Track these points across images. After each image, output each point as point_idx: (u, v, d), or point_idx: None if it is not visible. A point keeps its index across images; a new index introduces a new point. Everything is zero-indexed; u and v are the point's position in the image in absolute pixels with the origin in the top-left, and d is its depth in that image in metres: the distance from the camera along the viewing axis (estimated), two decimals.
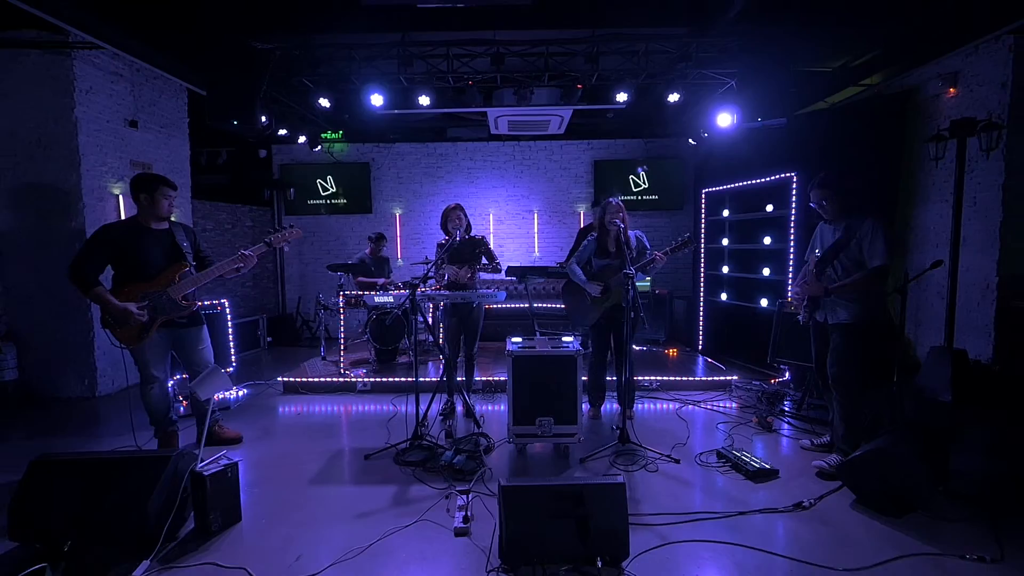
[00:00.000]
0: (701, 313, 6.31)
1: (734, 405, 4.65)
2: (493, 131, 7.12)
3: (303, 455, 3.58)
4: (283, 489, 3.08)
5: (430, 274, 3.83)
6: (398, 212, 8.00)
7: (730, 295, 6.06)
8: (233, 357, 4.52)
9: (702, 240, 6.36)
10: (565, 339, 3.61)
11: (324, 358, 5.81)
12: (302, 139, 6.46)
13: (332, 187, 7.89)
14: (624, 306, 3.51)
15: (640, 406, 4.60)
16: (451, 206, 4.13)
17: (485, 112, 6.27)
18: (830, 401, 3.41)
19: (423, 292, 3.75)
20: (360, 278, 5.94)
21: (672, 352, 6.15)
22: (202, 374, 2.70)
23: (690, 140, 6.83)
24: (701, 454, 3.49)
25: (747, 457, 3.28)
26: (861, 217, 3.06)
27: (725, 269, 6.09)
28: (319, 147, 7.46)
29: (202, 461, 2.62)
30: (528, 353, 3.33)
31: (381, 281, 5.90)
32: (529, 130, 6.91)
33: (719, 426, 4.05)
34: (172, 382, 4.07)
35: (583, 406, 3.59)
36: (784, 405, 4.47)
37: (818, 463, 3.18)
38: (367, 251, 6.16)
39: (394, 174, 7.99)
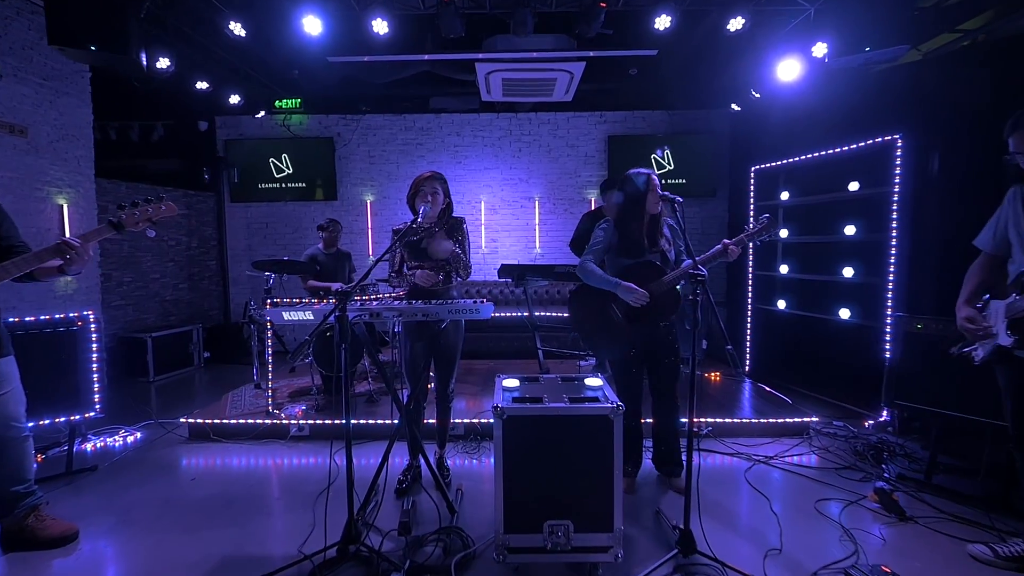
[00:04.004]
0: (748, 326, 4.94)
1: (814, 458, 3.30)
2: (485, 97, 5.72)
3: (161, 572, 2.19)
4: None
5: (380, 276, 2.46)
6: (369, 199, 6.59)
7: (790, 303, 4.68)
8: (97, 397, 3.09)
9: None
10: (590, 382, 2.22)
11: (258, 385, 4.41)
12: (235, 99, 5.04)
13: (288, 167, 6.47)
14: (686, 328, 2.15)
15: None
16: (424, 174, 2.76)
17: (472, 64, 4.88)
18: None
19: (362, 303, 2.36)
20: (311, 281, 4.54)
21: (714, 376, 4.77)
22: None
23: (733, 106, 5.44)
24: (817, 575, 2.10)
25: None
26: None
27: (783, 269, 4.71)
28: (262, 113, 6.02)
29: None
30: (530, 412, 1.95)
31: (336, 286, 4.50)
32: (530, 93, 5.51)
33: (819, 506, 2.67)
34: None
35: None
36: (897, 464, 3.10)
37: None
38: (319, 245, 4.75)
39: (364, 152, 6.58)
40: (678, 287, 2.62)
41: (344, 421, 2.21)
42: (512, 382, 2.21)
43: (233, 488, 2.95)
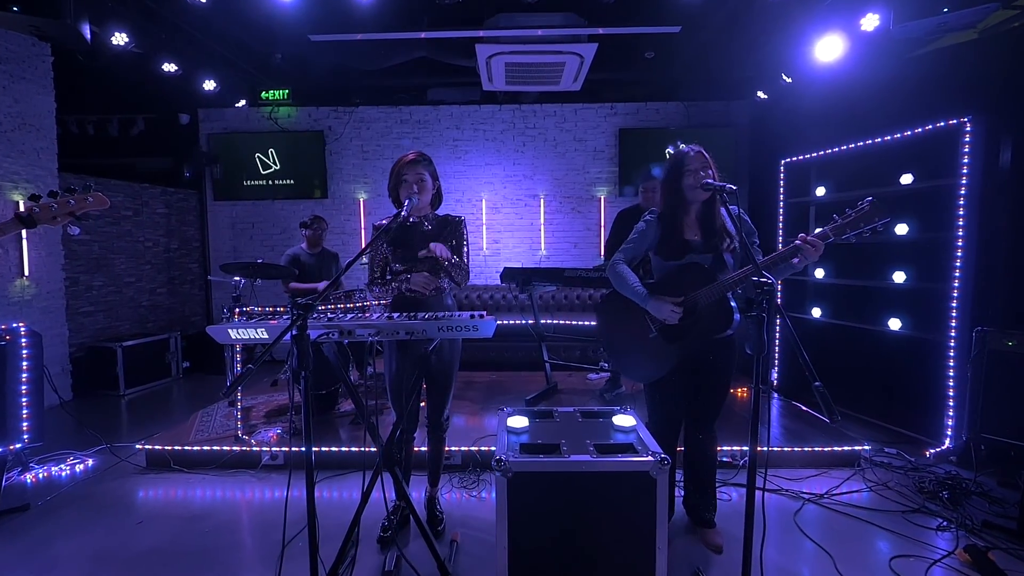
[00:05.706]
0: (777, 336, 4.45)
1: (867, 494, 2.82)
2: (486, 87, 5.27)
3: None
4: None
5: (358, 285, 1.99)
6: (362, 197, 6.13)
7: (826, 311, 4.20)
8: (25, 425, 2.63)
9: (779, 232, 4.52)
10: (620, 420, 1.75)
11: (232, 403, 3.94)
12: (211, 84, 4.60)
13: (275, 163, 6.02)
14: (747, 351, 1.68)
15: (724, 499, 2.75)
16: (406, 157, 2.30)
17: (472, 48, 4.43)
18: None
19: (330, 318, 1.89)
20: (293, 283, 4.10)
21: (740, 393, 4.28)
22: None
23: (759, 94, 4.96)
24: None
25: None
26: None
27: (819, 273, 4.23)
28: (242, 103, 5.54)
29: None
30: (545, 467, 1.47)
31: (322, 286, 4.05)
32: (535, 81, 5.06)
33: (896, 565, 2.18)
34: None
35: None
36: (975, 506, 2.62)
37: None
38: (302, 244, 4.32)
39: (357, 147, 6.12)
40: (730, 298, 2.14)
41: (308, 464, 1.73)
42: (519, 421, 1.73)
43: (185, 535, 2.48)
